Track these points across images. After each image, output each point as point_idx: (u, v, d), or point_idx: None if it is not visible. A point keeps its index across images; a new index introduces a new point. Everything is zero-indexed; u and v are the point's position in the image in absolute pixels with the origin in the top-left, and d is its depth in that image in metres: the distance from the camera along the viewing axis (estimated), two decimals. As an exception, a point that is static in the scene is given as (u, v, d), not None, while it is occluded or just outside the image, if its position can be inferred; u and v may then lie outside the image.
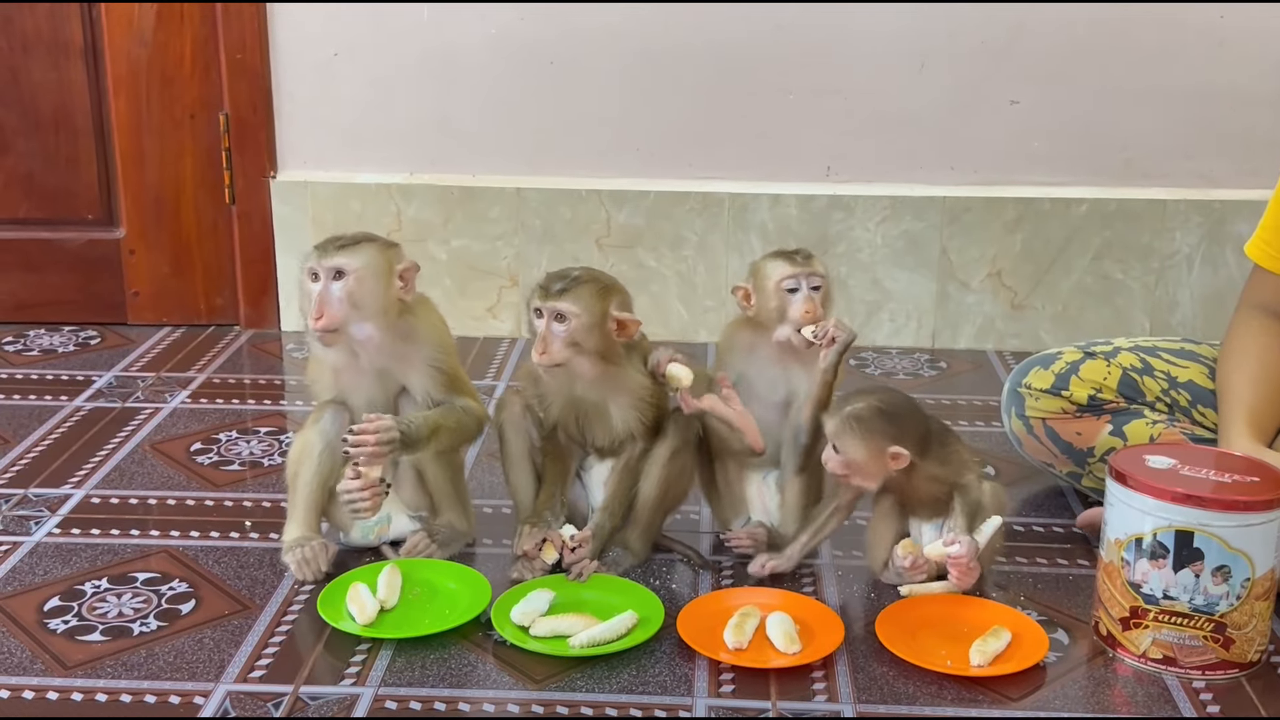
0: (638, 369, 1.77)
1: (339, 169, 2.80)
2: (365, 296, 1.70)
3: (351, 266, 1.69)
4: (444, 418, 1.76)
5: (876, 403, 1.69)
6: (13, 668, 1.56)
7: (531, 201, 2.76)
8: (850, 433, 1.68)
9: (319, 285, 1.69)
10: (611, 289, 1.73)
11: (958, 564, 1.66)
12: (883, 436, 1.67)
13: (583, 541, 1.76)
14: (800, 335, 1.76)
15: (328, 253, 1.69)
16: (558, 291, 1.69)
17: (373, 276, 1.70)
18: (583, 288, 1.70)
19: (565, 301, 1.68)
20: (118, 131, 2.77)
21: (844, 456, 1.69)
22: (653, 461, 1.80)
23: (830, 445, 1.70)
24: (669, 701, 1.51)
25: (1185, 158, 2.71)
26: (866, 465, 1.69)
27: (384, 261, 1.72)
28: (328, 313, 1.68)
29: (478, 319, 2.83)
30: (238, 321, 2.89)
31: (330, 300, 1.69)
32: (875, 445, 1.67)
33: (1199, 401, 1.93)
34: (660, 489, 1.79)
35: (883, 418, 1.68)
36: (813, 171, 2.75)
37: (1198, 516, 1.51)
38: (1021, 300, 2.76)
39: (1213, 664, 1.56)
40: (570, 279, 1.70)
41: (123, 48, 2.72)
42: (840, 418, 1.69)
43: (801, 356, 1.80)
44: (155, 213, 2.82)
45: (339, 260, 1.69)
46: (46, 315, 2.88)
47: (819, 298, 1.78)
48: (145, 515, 1.97)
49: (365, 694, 1.51)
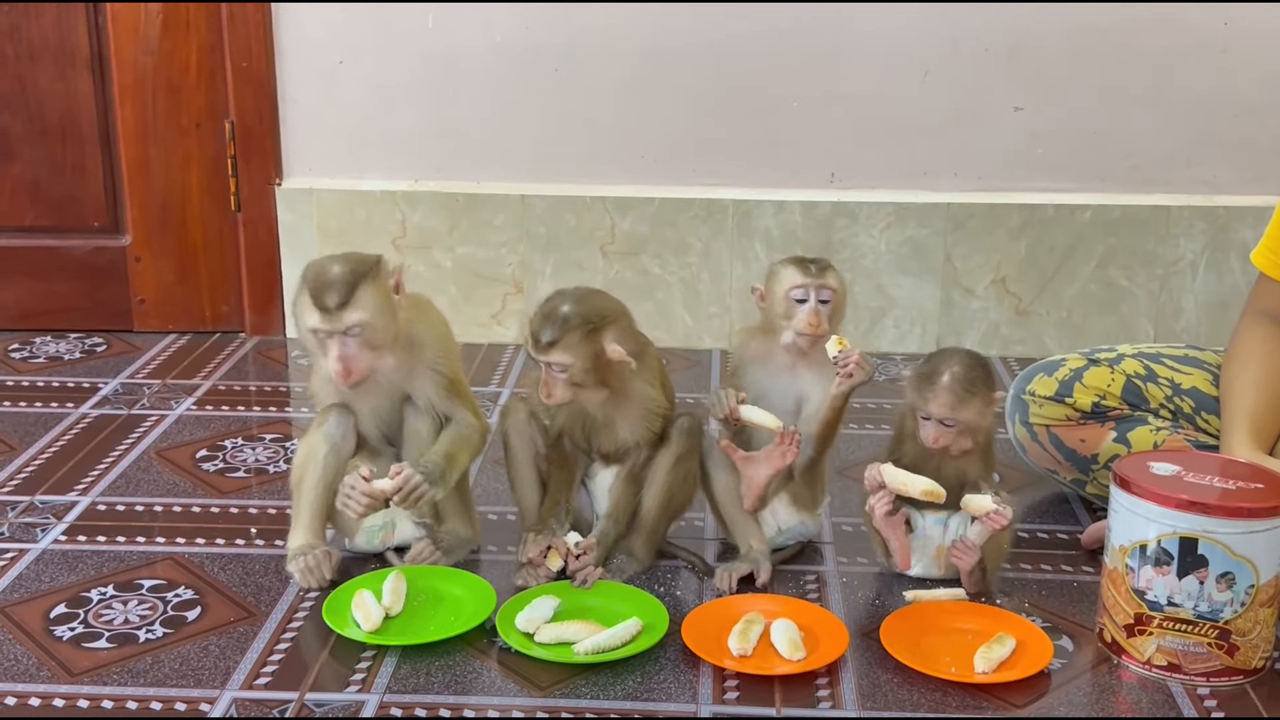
0: (646, 380, 1.77)
1: (344, 176, 2.81)
2: (379, 335, 1.68)
3: (361, 319, 1.66)
4: (453, 444, 1.76)
5: (966, 359, 1.71)
6: (19, 675, 1.56)
7: (536, 208, 2.77)
8: (968, 396, 1.68)
9: (333, 345, 1.67)
10: (602, 325, 1.69)
11: (997, 520, 1.67)
12: (986, 387, 1.70)
13: (587, 549, 1.76)
14: (801, 339, 1.77)
15: (333, 316, 1.65)
16: (547, 345, 1.67)
17: (380, 314, 1.68)
18: (571, 335, 1.67)
19: (556, 354, 1.68)
20: (123, 139, 2.78)
21: (958, 426, 1.69)
22: (657, 469, 1.80)
23: (934, 423, 1.70)
24: (674, 708, 1.51)
25: (1189, 164, 2.71)
26: (978, 424, 1.70)
27: (382, 291, 1.68)
28: (355, 369, 1.68)
29: (482, 326, 2.83)
30: (243, 329, 2.90)
31: (353, 357, 1.67)
32: (984, 399, 1.70)
33: (1203, 408, 1.93)
34: (664, 496, 1.80)
35: (979, 369, 1.70)
36: (817, 178, 2.76)
37: (1202, 523, 1.51)
38: (1026, 307, 2.76)
39: (1217, 671, 1.56)
40: (559, 324, 1.67)
41: (129, 56, 2.73)
42: (946, 386, 1.68)
43: (812, 364, 1.80)
44: (161, 220, 2.83)
45: (348, 319, 1.65)
46: (52, 323, 2.89)
47: (828, 311, 1.78)
48: (151, 522, 1.98)
49: (370, 700, 1.52)
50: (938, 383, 1.69)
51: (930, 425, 1.71)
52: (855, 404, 2.45)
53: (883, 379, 2.63)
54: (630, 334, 1.74)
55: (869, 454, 2.22)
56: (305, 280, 1.67)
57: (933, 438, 1.71)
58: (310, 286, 1.66)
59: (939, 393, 1.69)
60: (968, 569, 1.73)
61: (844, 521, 1.99)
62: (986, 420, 1.72)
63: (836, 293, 1.79)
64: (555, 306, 1.69)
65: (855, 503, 2.01)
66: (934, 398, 1.69)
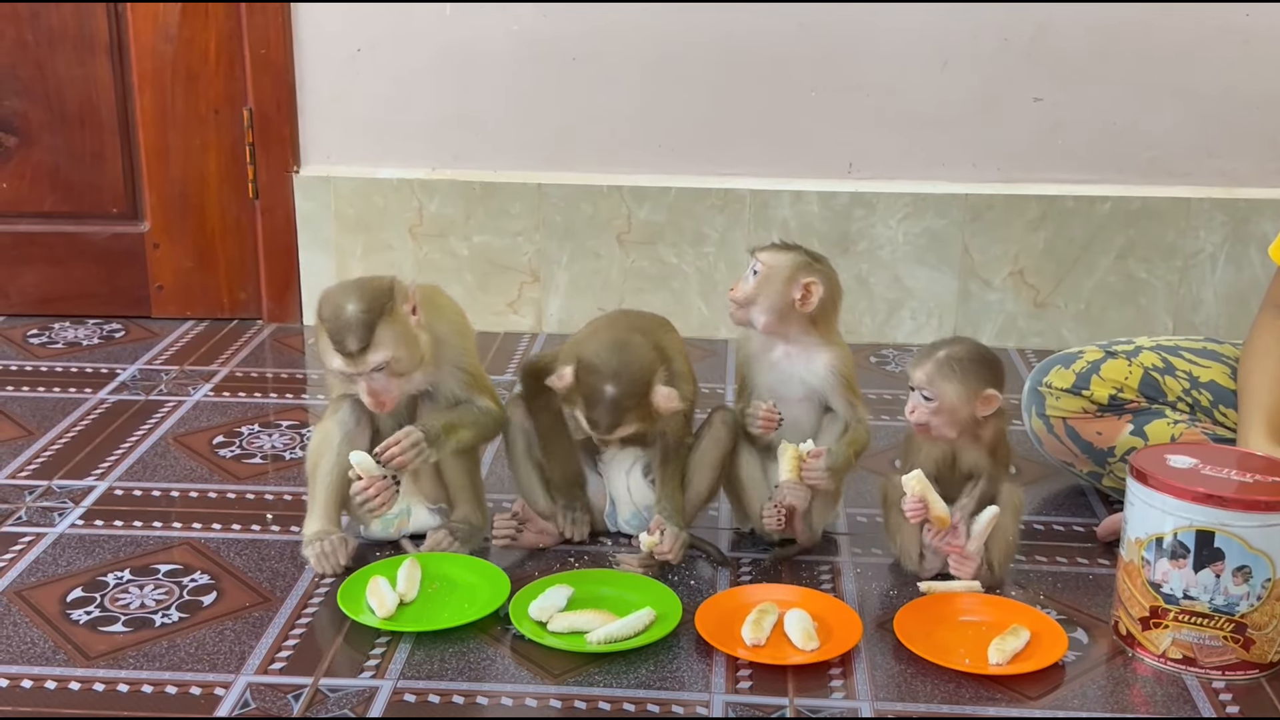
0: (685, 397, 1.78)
1: (361, 164, 2.81)
2: (404, 365, 1.69)
3: (384, 357, 1.66)
4: (460, 417, 1.77)
5: (972, 347, 1.72)
6: (35, 658, 1.57)
7: (552, 197, 2.77)
8: (950, 374, 1.68)
9: (362, 381, 1.67)
10: (647, 391, 1.71)
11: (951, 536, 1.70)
12: (978, 379, 1.69)
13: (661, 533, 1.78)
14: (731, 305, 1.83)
15: (356, 360, 1.65)
16: (608, 427, 1.71)
17: (402, 346, 1.68)
18: (628, 415, 1.71)
19: (620, 432, 1.72)
20: (143, 126, 2.79)
21: (937, 401, 1.69)
22: (702, 463, 1.84)
23: (918, 394, 1.70)
24: (686, 697, 1.51)
25: (1209, 156, 2.69)
26: (957, 410, 1.70)
27: (401, 322, 1.68)
28: (388, 399, 1.69)
29: (498, 314, 2.84)
30: (260, 315, 2.91)
31: (382, 389, 1.68)
32: (971, 388, 1.69)
33: (1220, 401, 1.93)
34: (707, 491, 1.85)
35: (979, 361, 1.70)
36: (834, 168, 2.75)
37: (1219, 516, 1.51)
38: (1044, 298, 2.75)
39: (1233, 664, 1.56)
40: (612, 409, 1.69)
41: (148, 43, 2.74)
42: (937, 360, 1.69)
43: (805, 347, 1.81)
44: (179, 207, 2.84)
45: (372, 360, 1.65)
46: (71, 308, 2.90)
47: (754, 281, 1.80)
48: (168, 507, 1.98)
49: (384, 686, 1.52)
50: (931, 354, 1.71)
51: (913, 396, 1.72)
52: (870, 396, 2.45)
53: (897, 370, 2.63)
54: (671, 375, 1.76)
55: (883, 444, 2.22)
56: (322, 320, 1.67)
57: (910, 408, 1.72)
58: (329, 329, 1.66)
59: (925, 362, 1.70)
60: (969, 577, 1.72)
61: (859, 513, 1.99)
62: (970, 410, 1.70)
63: (766, 267, 1.80)
64: (600, 388, 1.70)
65: (869, 494, 2.01)
66: (919, 366, 1.71)
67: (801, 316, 1.80)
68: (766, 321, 1.80)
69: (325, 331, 1.66)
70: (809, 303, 1.78)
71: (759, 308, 1.80)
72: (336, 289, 1.70)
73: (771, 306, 1.79)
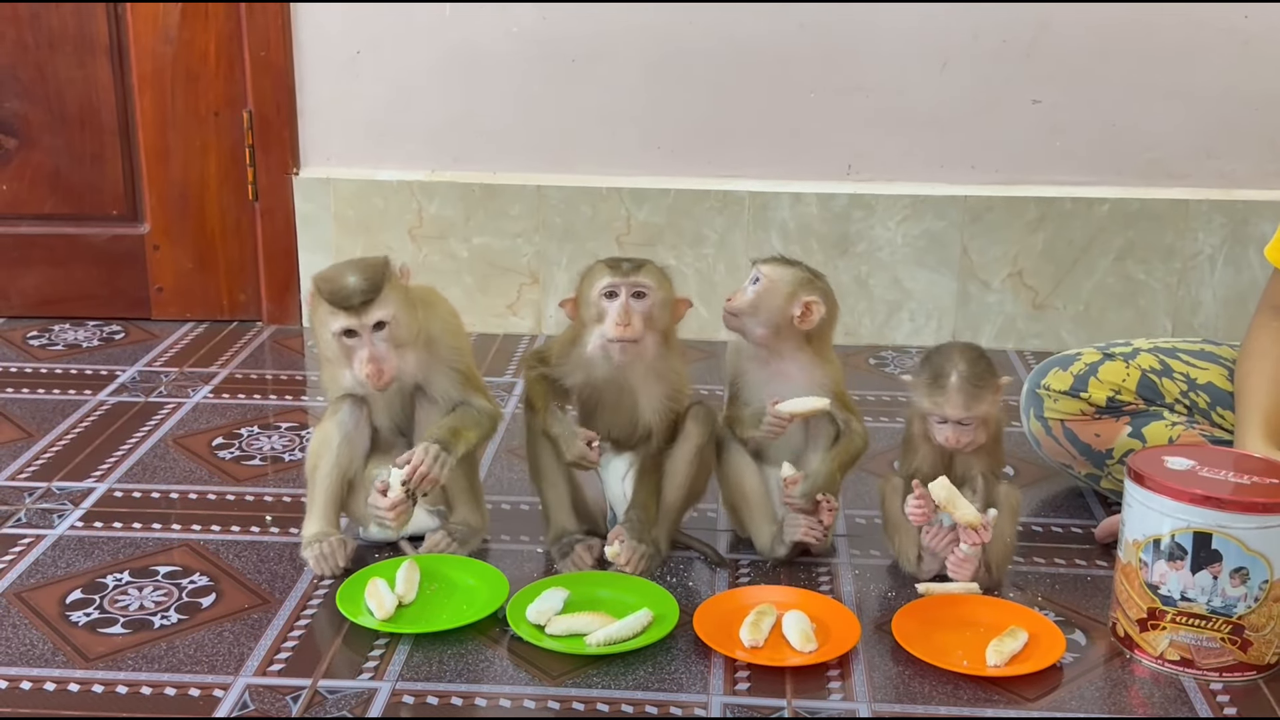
0: (678, 355, 1.80)
1: (361, 166, 2.81)
2: (404, 331, 1.70)
3: (388, 313, 1.67)
4: (462, 420, 1.77)
5: (966, 353, 1.70)
6: (35, 659, 1.57)
7: (552, 199, 2.77)
8: (979, 392, 1.68)
9: (362, 346, 1.68)
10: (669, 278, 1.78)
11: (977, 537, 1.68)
12: (992, 379, 1.70)
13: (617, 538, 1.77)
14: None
15: (360, 312, 1.66)
16: (633, 268, 1.73)
17: (403, 309, 1.70)
18: (653, 268, 1.75)
19: (642, 275, 1.73)
20: (143, 128, 2.79)
21: (975, 421, 1.69)
22: (678, 459, 1.81)
23: (952, 424, 1.69)
24: (685, 699, 1.51)
25: (1208, 158, 2.70)
26: (989, 416, 1.70)
27: (400, 288, 1.70)
28: (386, 369, 1.69)
29: (498, 316, 2.84)
30: (260, 317, 2.91)
31: (382, 356, 1.68)
32: (994, 386, 1.70)
33: (1218, 403, 1.93)
34: (687, 487, 1.82)
35: (981, 362, 1.70)
36: (834, 170, 2.75)
37: (1216, 518, 1.51)
38: (1043, 300, 2.75)
39: (1230, 666, 1.56)
40: (640, 263, 1.75)
41: (148, 45, 2.74)
42: (958, 389, 1.67)
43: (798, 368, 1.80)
44: (179, 209, 2.84)
45: (376, 314, 1.66)
46: (71, 310, 2.91)
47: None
48: (167, 509, 1.99)
49: (383, 688, 1.52)
50: (947, 385, 1.68)
51: (947, 427, 1.70)
52: (869, 397, 2.46)
53: (897, 372, 2.63)
54: None
55: (882, 445, 2.22)
56: (321, 289, 1.68)
57: (952, 439, 1.70)
58: (330, 290, 1.67)
59: (951, 394, 1.68)
60: (967, 578, 1.72)
61: (857, 514, 1.99)
62: (998, 409, 1.71)
63: (768, 280, 1.78)
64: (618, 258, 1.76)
65: (868, 496, 2.01)
66: (947, 400, 1.68)
67: (797, 333, 1.78)
68: (762, 335, 1.79)
69: (325, 296, 1.67)
70: (809, 321, 1.77)
71: (756, 320, 1.78)
72: (330, 267, 1.72)
73: (769, 320, 1.78)
